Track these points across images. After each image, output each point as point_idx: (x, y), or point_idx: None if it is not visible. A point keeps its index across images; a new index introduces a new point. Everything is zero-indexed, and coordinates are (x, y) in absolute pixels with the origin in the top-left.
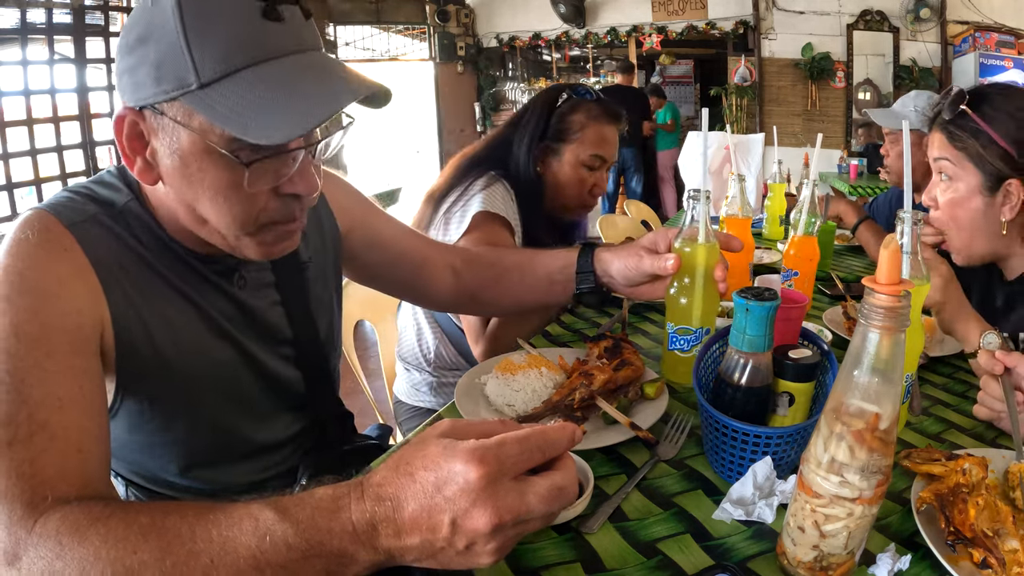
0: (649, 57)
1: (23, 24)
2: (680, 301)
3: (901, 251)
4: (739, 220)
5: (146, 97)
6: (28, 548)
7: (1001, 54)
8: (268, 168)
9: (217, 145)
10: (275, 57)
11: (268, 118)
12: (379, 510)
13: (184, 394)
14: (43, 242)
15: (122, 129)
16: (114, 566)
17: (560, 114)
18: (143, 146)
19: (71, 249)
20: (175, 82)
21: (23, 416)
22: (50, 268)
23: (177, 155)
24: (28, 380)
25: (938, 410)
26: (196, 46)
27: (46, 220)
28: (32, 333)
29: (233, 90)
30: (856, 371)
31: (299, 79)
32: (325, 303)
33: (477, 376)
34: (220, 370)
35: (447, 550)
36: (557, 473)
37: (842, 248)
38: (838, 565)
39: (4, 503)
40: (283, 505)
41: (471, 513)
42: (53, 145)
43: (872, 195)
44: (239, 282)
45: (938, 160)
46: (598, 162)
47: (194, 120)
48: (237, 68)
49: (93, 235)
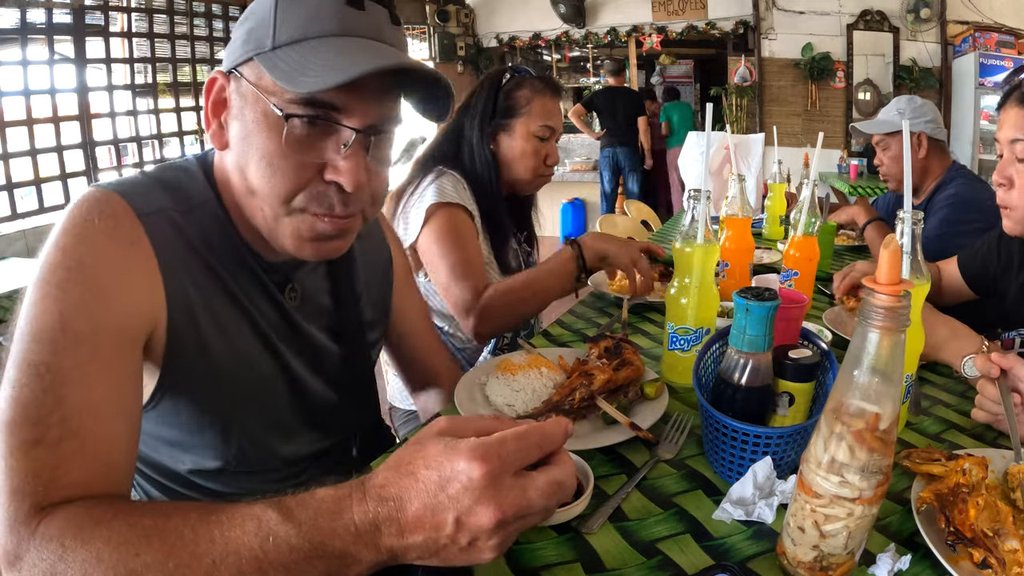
0: (649, 57)
1: (23, 24)
2: (680, 301)
3: (901, 251)
4: (739, 220)
5: (233, 60)
6: (30, 549)
7: (1001, 54)
8: (312, 137)
9: (272, 103)
10: (347, 35)
11: (313, 74)
12: (382, 510)
13: (223, 400)
14: (110, 231)
15: (211, 91)
16: (116, 569)
17: (506, 92)
18: (222, 110)
19: (138, 243)
20: (255, 43)
21: (56, 419)
22: (112, 262)
23: (242, 113)
24: (67, 380)
25: (938, 410)
26: (281, 14)
27: (116, 206)
28: (80, 330)
29: (298, 53)
30: (856, 371)
31: (358, 49)
32: (371, 338)
33: (477, 376)
34: (261, 381)
35: (450, 547)
36: (556, 468)
37: (842, 248)
38: (838, 565)
39: (13, 501)
40: (286, 506)
41: (475, 510)
42: (53, 145)
43: (872, 195)
44: (291, 294)
45: (1018, 141)
46: (548, 132)
47: (263, 80)
48: (307, 37)
49: (162, 229)
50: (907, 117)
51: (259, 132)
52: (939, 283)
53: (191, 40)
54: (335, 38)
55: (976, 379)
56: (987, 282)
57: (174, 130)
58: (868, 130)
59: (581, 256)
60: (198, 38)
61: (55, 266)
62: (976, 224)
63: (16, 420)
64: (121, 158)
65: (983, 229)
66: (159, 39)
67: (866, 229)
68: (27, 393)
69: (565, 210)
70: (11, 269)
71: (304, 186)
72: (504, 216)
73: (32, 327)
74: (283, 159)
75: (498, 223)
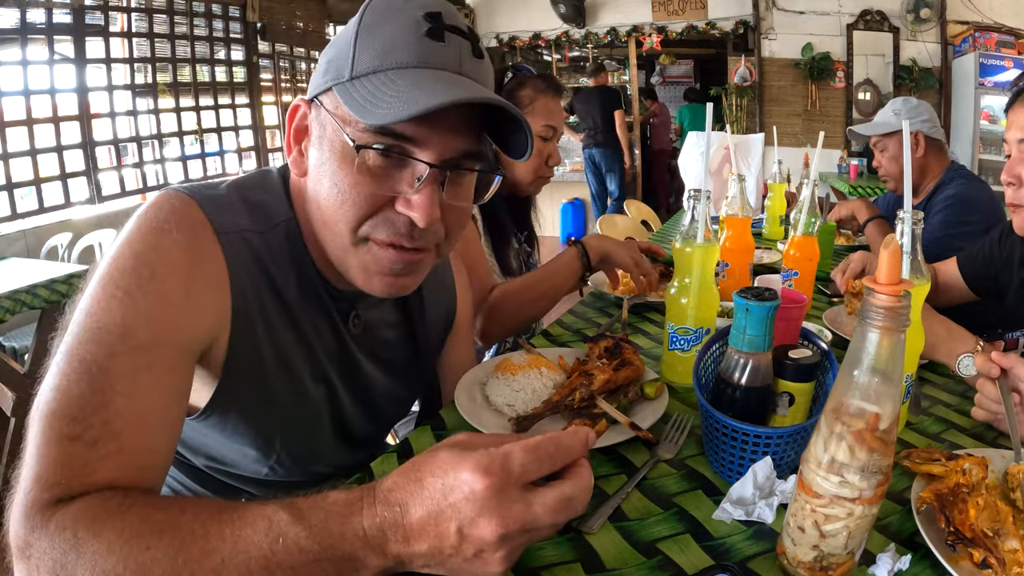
0: (649, 57)
1: (23, 24)
2: (680, 301)
3: (901, 251)
4: (739, 220)
5: (315, 89)
6: (42, 538)
7: (1001, 54)
8: (386, 168)
9: (347, 133)
10: (425, 67)
11: (386, 106)
12: (388, 515)
13: (271, 422)
14: (186, 243)
15: (293, 118)
16: (126, 561)
17: (508, 91)
18: (303, 137)
19: (214, 260)
20: (334, 73)
21: (98, 420)
22: (184, 275)
23: (320, 142)
24: (117, 387)
25: (938, 410)
26: (360, 45)
27: (194, 217)
28: (140, 341)
29: (374, 83)
30: (856, 371)
31: (435, 81)
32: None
33: (477, 376)
34: (309, 406)
35: (455, 557)
36: (567, 483)
37: (842, 248)
38: (838, 565)
39: (35, 487)
40: (298, 508)
41: (477, 522)
42: (53, 145)
43: (872, 195)
44: (354, 322)
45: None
46: (550, 132)
47: (339, 109)
48: (385, 68)
49: (239, 250)
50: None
51: (333, 161)
52: (937, 285)
53: (191, 40)
54: (413, 70)
55: (972, 378)
56: (987, 282)
57: (174, 130)
58: (865, 132)
59: (585, 255)
60: (198, 38)
61: (125, 270)
62: (977, 225)
63: (58, 412)
64: (121, 158)
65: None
66: (159, 39)
67: (867, 226)
68: (75, 388)
69: (565, 210)
70: (11, 269)
71: (373, 214)
72: (505, 216)
73: (92, 324)
74: (353, 188)
75: (499, 224)
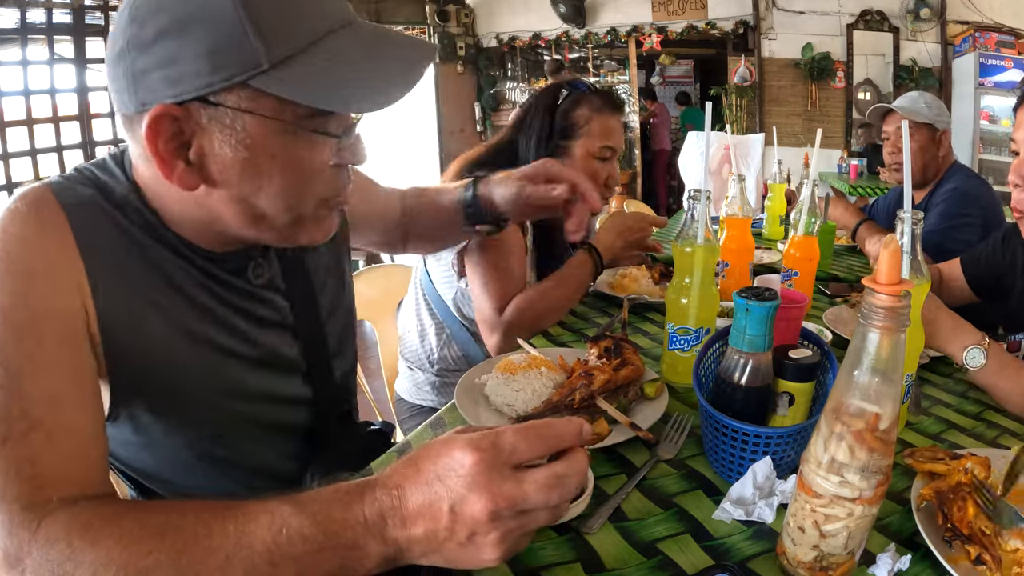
0: (649, 57)
1: (23, 24)
2: (680, 301)
3: (901, 251)
4: (739, 220)
5: (195, 88)
6: (32, 551)
7: (1001, 54)
8: (327, 139)
9: (294, 124)
10: (332, 30)
11: (355, 90)
12: (386, 500)
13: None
14: (33, 217)
15: (158, 131)
16: (127, 569)
17: (563, 111)
18: (184, 147)
19: (61, 228)
20: (239, 66)
21: (16, 412)
22: (37, 245)
23: (242, 145)
24: (20, 373)
25: (938, 410)
26: (261, 26)
27: (41, 195)
28: (21, 320)
29: (309, 66)
30: (856, 371)
31: (375, 50)
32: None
33: (477, 376)
34: (221, 371)
35: (450, 541)
36: (559, 463)
37: (842, 248)
38: (838, 565)
39: (2, 504)
40: (300, 500)
41: (467, 499)
42: (53, 145)
43: (872, 195)
44: (256, 270)
45: None
46: (609, 152)
47: (263, 103)
48: (304, 45)
49: (87, 219)
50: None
51: (279, 154)
52: (939, 285)
53: None
54: (327, 39)
55: (977, 369)
56: (990, 283)
57: None
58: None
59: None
60: None
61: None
62: (975, 218)
63: None
64: None
65: (982, 224)
66: None
67: (858, 231)
68: None
69: None
70: None
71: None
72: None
73: None
74: (316, 171)
75: (551, 241)
